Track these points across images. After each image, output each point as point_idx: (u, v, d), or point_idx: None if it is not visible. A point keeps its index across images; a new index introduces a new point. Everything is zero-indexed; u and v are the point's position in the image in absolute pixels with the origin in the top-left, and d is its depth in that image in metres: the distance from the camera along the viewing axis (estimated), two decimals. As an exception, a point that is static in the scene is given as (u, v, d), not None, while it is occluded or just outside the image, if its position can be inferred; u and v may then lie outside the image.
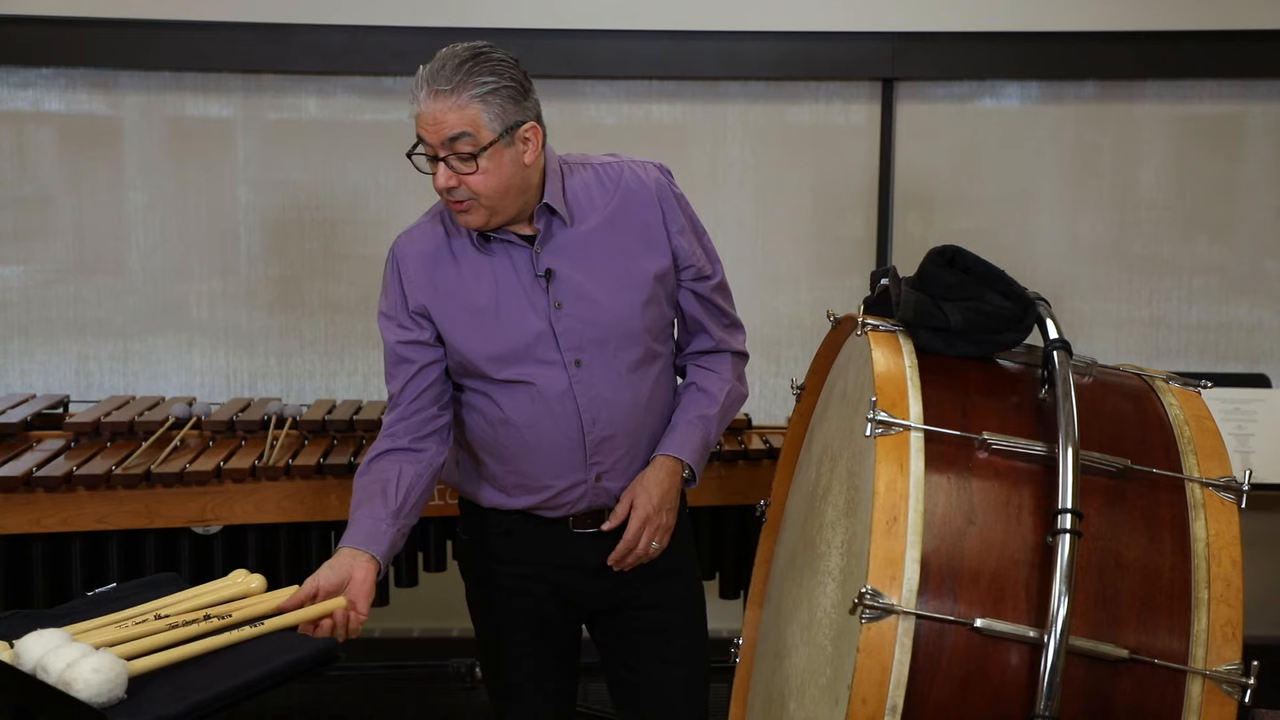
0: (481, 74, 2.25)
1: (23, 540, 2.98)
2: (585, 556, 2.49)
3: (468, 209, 2.32)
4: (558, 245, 2.40)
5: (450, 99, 2.24)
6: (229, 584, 2.33)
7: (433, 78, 2.25)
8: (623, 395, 2.43)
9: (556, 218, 2.39)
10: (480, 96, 2.25)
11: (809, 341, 2.64)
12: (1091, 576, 1.82)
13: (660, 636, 2.57)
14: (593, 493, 2.46)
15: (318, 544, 3.12)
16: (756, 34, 3.89)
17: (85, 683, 1.88)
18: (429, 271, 2.42)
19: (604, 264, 2.41)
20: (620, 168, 2.48)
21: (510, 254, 2.40)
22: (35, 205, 3.95)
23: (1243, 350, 4.05)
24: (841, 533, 2.09)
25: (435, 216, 2.47)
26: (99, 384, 3.96)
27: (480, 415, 2.46)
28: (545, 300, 2.39)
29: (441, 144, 2.27)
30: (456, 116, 2.24)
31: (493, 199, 2.31)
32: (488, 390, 2.43)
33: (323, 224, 3.97)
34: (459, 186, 2.29)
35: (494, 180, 2.29)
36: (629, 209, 2.44)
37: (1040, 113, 4.03)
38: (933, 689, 1.78)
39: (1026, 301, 2.10)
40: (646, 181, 2.46)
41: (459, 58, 2.26)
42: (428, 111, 2.26)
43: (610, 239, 2.42)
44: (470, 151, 2.26)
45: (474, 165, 2.27)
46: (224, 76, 3.90)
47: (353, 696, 3.90)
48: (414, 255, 2.44)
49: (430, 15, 3.84)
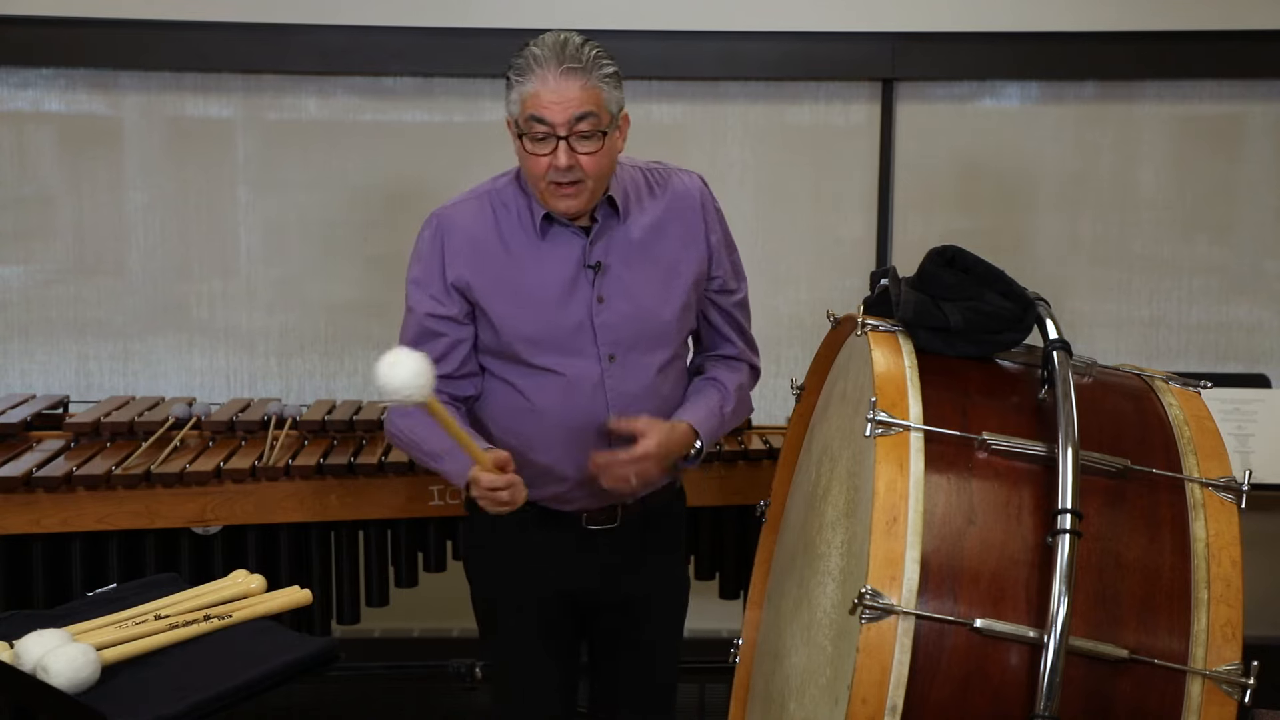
0: (603, 57, 2.32)
1: (23, 540, 2.98)
2: (600, 551, 2.51)
3: (575, 192, 2.34)
4: (609, 240, 2.43)
5: (582, 77, 2.27)
6: (229, 584, 2.34)
7: (560, 56, 2.27)
8: (650, 394, 2.46)
9: (613, 213, 2.43)
10: (605, 78, 2.31)
11: (809, 341, 2.63)
12: (1091, 576, 1.82)
13: (647, 628, 2.62)
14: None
15: (318, 544, 3.13)
16: (756, 34, 3.89)
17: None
18: (475, 248, 2.42)
19: (649, 264, 2.45)
20: (668, 173, 2.53)
21: (563, 243, 2.42)
22: (35, 205, 3.95)
23: (1242, 350, 4.05)
24: (841, 533, 2.09)
25: (481, 197, 2.48)
26: (99, 384, 3.96)
27: (506, 401, 2.47)
28: (589, 292, 2.41)
29: (567, 123, 2.28)
30: (586, 95, 2.28)
31: (599, 182, 2.36)
32: (517, 377, 2.44)
33: (322, 224, 3.97)
34: (575, 167, 2.30)
35: (604, 163, 2.34)
36: (675, 214, 2.49)
37: (1040, 113, 4.03)
38: (933, 689, 1.78)
39: (1026, 301, 2.10)
40: (691, 189, 2.52)
41: (577, 40, 2.31)
42: (556, 89, 2.27)
43: (657, 241, 2.46)
44: (592, 131, 2.29)
45: (598, 144, 2.30)
46: (224, 77, 3.89)
47: (352, 697, 3.90)
48: (460, 230, 2.44)
49: (430, 15, 3.84)
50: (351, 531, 3.15)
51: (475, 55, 3.85)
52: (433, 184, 3.95)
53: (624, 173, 2.47)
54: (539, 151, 2.31)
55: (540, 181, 2.34)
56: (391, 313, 3.95)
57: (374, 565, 3.17)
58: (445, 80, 3.92)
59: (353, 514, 3.11)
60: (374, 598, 3.19)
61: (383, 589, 3.20)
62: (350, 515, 3.11)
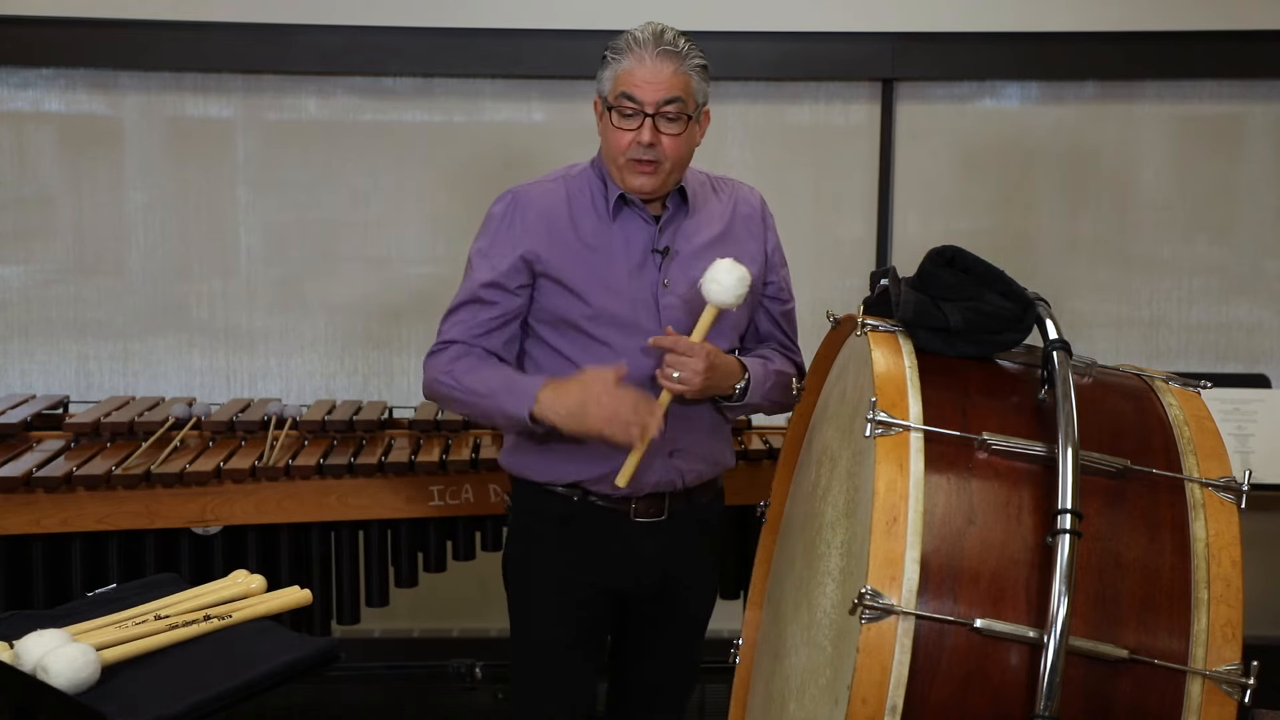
0: (695, 48, 2.44)
1: (23, 541, 2.98)
2: (643, 545, 2.53)
3: (653, 170, 2.43)
4: (678, 228, 2.52)
5: (677, 62, 2.40)
6: (229, 584, 2.34)
7: (658, 40, 2.40)
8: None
9: (683, 204, 2.52)
10: (696, 67, 2.43)
11: (809, 342, 2.63)
12: (1091, 577, 1.82)
13: (675, 624, 2.65)
14: (664, 467, 2.50)
15: (318, 544, 3.13)
16: (756, 34, 3.89)
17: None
18: (547, 224, 2.49)
19: (713, 256, 2.48)
20: (732, 183, 2.66)
21: (633, 225, 2.50)
22: (35, 205, 3.95)
23: (1242, 350, 4.05)
24: (841, 533, 2.09)
25: (557, 180, 2.55)
26: (99, 384, 3.96)
27: (562, 372, 2.46)
28: (655, 275, 2.49)
29: (656, 102, 2.39)
30: (677, 79, 2.40)
31: (677, 165, 2.45)
32: (575, 349, 2.48)
33: (322, 224, 3.97)
34: (656, 145, 2.40)
35: (683, 148, 2.45)
36: (739, 217, 2.60)
37: (1040, 113, 4.03)
38: (932, 689, 1.78)
39: (1026, 301, 2.10)
40: (753, 200, 2.65)
41: (673, 30, 2.43)
42: (651, 68, 2.38)
43: (721, 236, 2.55)
44: (678, 114, 2.40)
45: (682, 126, 2.41)
46: (224, 77, 3.90)
47: (353, 697, 3.90)
48: (536, 206, 2.51)
49: (429, 16, 3.84)
50: (351, 532, 3.15)
51: (475, 55, 3.85)
52: (433, 184, 3.96)
53: (692, 174, 2.57)
54: (626, 126, 2.41)
55: (620, 157, 2.44)
56: (392, 312, 3.98)
57: (374, 565, 3.17)
58: (445, 80, 3.93)
59: (353, 514, 3.11)
60: (374, 598, 3.19)
61: (383, 589, 3.20)
62: (350, 515, 3.11)
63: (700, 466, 2.57)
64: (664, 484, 2.53)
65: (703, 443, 2.56)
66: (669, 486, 2.54)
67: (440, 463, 3.11)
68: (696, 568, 2.66)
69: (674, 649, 2.68)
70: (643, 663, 2.69)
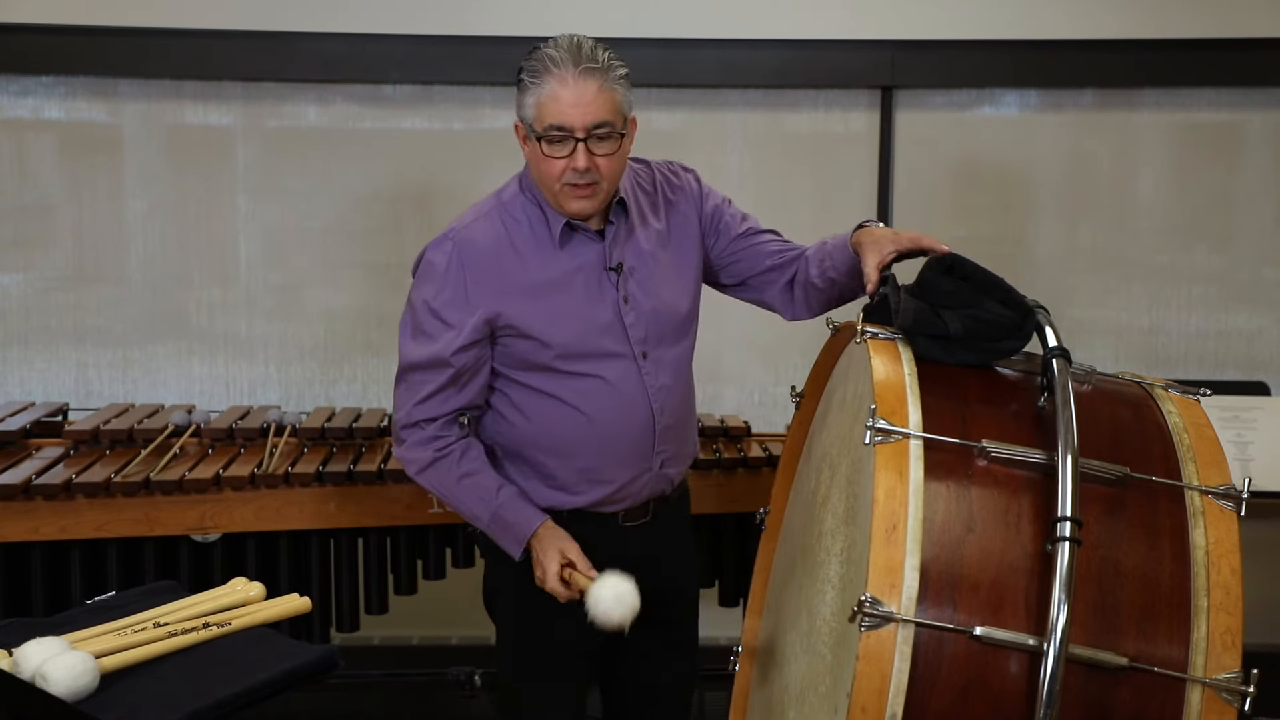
0: (614, 58, 2.34)
1: (22, 548, 2.98)
2: (630, 548, 2.51)
3: (590, 193, 2.36)
4: (624, 240, 2.46)
5: (600, 78, 2.29)
6: (228, 592, 2.34)
7: (576, 57, 2.29)
8: (679, 383, 2.52)
9: (623, 214, 2.46)
10: (619, 80, 2.34)
11: (808, 349, 2.63)
12: (1091, 584, 1.82)
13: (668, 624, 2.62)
14: (655, 480, 2.51)
15: (317, 552, 3.12)
16: (756, 42, 3.89)
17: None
18: (496, 269, 2.41)
19: (663, 260, 2.48)
20: (652, 169, 2.57)
21: (583, 248, 2.44)
22: (35, 213, 3.95)
23: (1242, 358, 4.05)
24: (841, 540, 2.08)
25: (491, 214, 2.46)
26: (98, 392, 3.96)
27: (547, 412, 2.46)
28: (614, 294, 2.44)
29: (586, 126, 2.29)
30: (603, 98, 2.30)
31: (612, 183, 2.39)
32: (556, 386, 2.44)
33: (322, 232, 3.97)
34: (591, 169, 2.32)
35: (618, 164, 2.37)
36: (673, 206, 2.55)
37: (1039, 121, 4.03)
38: (932, 697, 1.77)
39: (1025, 309, 2.10)
40: (681, 183, 2.58)
41: (590, 42, 2.33)
42: (575, 91, 2.28)
43: (666, 236, 2.52)
44: (609, 133, 2.32)
45: (616, 145, 2.33)
46: (224, 85, 3.90)
47: (352, 704, 3.89)
48: (480, 251, 2.41)
49: (429, 24, 3.84)
50: (351, 539, 3.15)
51: (474, 63, 3.86)
52: (432, 192, 3.96)
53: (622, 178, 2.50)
54: (556, 154, 2.32)
55: (555, 184, 2.35)
56: (390, 320, 3.97)
57: (373, 573, 3.17)
58: (445, 88, 3.93)
59: (352, 521, 3.11)
60: (373, 605, 3.18)
61: (382, 596, 3.19)
62: (349, 523, 3.11)
63: (683, 465, 2.61)
64: (656, 493, 2.54)
65: (683, 442, 2.57)
66: (659, 494, 2.55)
67: (439, 470, 3.11)
68: (681, 558, 2.66)
69: (669, 647, 2.65)
70: (639, 667, 2.66)
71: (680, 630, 2.69)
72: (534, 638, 2.55)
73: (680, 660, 2.69)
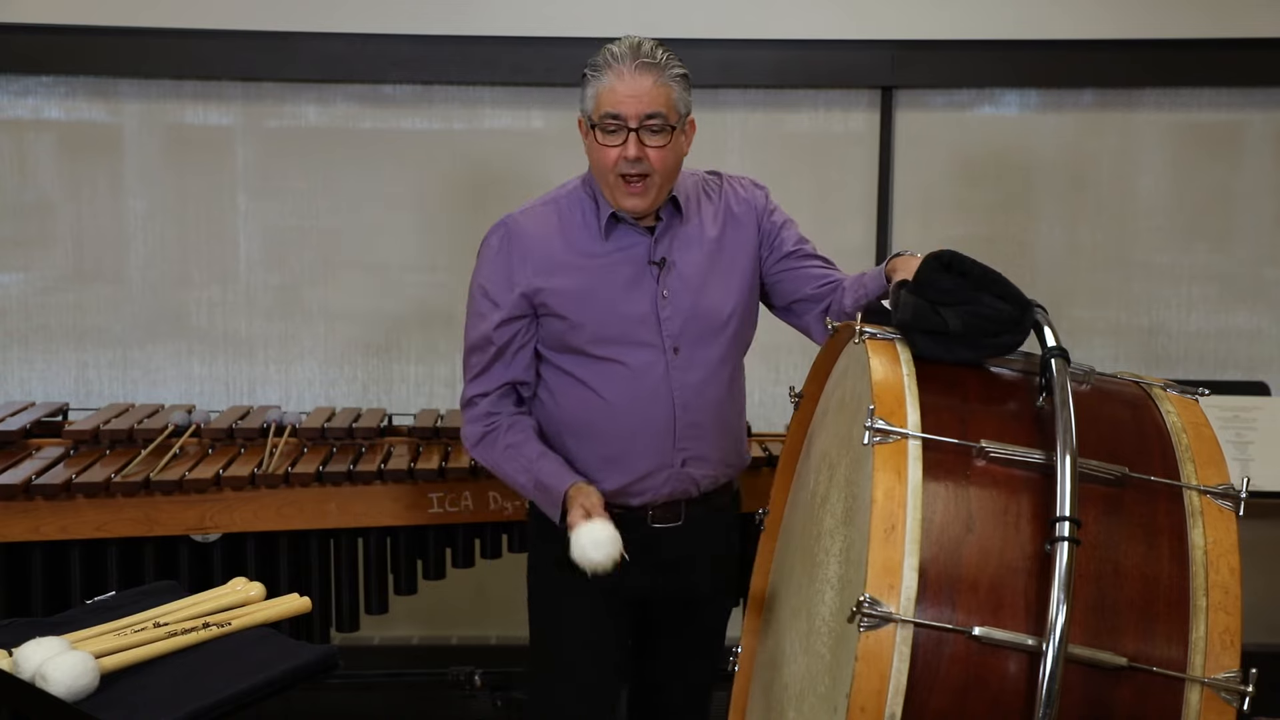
0: (674, 58, 2.44)
1: (22, 548, 2.98)
2: (662, 550, 2.55)
3: (642, 188, 2.44)
4: (672, 238, 2.53)
5: (655, 74, 2.39)
6: (228, 592, 2.34)
7: (636, 53, 2.40)
8: (712, 386, 2.55)
9: (676, 213, 2.53)
10: (676, 78, 2.43)
11: (808, 349, 2.63)
12: (1090, 584, 1.82)
13: (695, 628, 2.68)
14: (677, 478, 2.54)
15: (317, 552, 3.13)
16: (756, 42, 3.89)
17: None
18: (542, 252, 2.51)
19: (710, 262, 2.53)
20: (728, 181, 2.65)
21: (628, 239, 2.52)
22: (35, 213, 3.95)
23: (1241, 358, 4.05)
24: (840, 540, 2.08)
25: (549, 204, 2.58)
26: (98, 392, 3.96)
27: (574, 394, 2.53)
28: (654, 287, 2.50)
29: (638, 116, 2.39)
30: (658, 92, 2.40)
31: (665, 179, 2.46)
32: (583, 370, 2.51)
33: (322, 232, 3.98)
34: (642, 159, 2.40)
35: (670, 159, 2.45)
36: (737, 217, 2.60)
37: (1039, 121, 4.03)
38: (931, 698, 1.77)
39: (1023, 303, 2.09)
40: (746, 194, 2.64)
41: (650, 41, 2.43)
42: (631, 83, 2.39)
43: (717, 240, 2.56)
44: (661, 126, 2.40)
45: (666, 138, 2.41)
46: (224, 84, 3.90)
47: (352, 704, 3.90)
48: (527, 235, 2.53)
49: (429, 24, 3.85)
50: (351, 539, 3.15)
51: (474, 63, 3.86)
52: (433, 191, 3.96)
53: (687, 178, 2.58)
54: (610, 143, 2.42)
55: (609, 175, 2.44)
56: (391, 320, 3.98)
57: (373, 573, 3.17)
58: (444, 88, 3.93)
59: (352, 521, 3.11)
60: (373, 605, 3.19)
61: (382, 596, 3.20)
62: (349, 523, 3.11)
63: (714, 471, 2.61)
64: (679, 493, 2.57)
65: (714, 447, 2.59)
66: (684, 495, 2.58)
67: (439, 470, 3.11)
68: (714, 571, 2.68)
69: (693, 654, 2.70)
70: (663, 668, 2.71)
71: (709, 636, 2.73)
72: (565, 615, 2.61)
73: (704, 663, 2.73)
